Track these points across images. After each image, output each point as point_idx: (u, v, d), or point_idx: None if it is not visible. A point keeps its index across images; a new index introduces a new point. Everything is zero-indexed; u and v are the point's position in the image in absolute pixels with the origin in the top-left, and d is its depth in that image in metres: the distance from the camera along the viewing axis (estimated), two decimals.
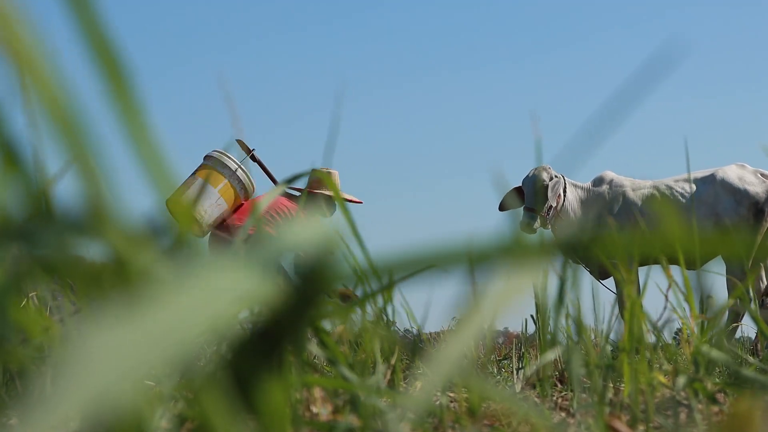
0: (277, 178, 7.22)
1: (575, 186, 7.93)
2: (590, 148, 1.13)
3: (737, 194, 7.29)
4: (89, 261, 0.66)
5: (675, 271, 1.83)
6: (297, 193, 7.24)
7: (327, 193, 7.23)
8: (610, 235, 0.72)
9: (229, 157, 6.77)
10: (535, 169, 7.92)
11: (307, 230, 0.70)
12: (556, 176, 7.83)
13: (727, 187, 7.30)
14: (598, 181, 7.91)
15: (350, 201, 7.38)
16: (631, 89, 1.08)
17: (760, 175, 7.43)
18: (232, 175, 6.73)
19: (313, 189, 7.23)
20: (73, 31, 0.62)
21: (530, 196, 7.82)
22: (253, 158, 7.08)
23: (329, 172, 7.12)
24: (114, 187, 0.64)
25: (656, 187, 7.54)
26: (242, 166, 6.77)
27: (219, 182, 6.70)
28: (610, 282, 7.82)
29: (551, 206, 7.74)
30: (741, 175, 7.40)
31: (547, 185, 7.76)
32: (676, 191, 7.46)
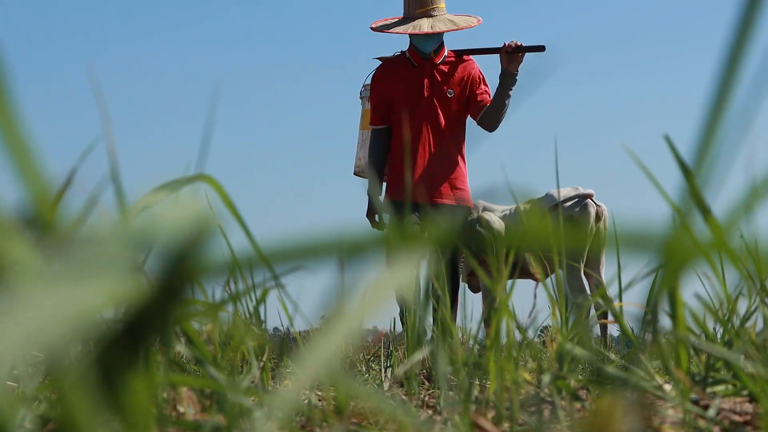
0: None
1: None
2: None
3: (552, 208, 7.77)
4: None
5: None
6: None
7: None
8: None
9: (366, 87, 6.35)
10: None
11: (175, 212, 0.67)
12: None
13: (547, 202, 7.74)
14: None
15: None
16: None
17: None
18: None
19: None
20: None
21: None
22: (469, 52, 6.28)
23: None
24: None
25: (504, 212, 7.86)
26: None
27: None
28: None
29: None
30: (566, 194, 7.88)
31: None
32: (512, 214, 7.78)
